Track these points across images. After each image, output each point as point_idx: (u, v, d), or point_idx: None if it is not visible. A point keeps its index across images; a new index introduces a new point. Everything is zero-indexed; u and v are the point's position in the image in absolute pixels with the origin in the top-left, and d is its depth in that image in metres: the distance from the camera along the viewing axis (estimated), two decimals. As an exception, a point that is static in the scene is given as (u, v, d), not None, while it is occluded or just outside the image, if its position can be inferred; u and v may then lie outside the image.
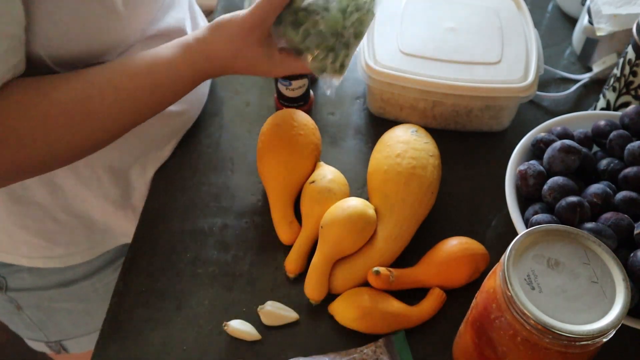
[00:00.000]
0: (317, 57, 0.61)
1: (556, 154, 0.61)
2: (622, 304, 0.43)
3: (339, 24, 0.59)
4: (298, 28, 0.60)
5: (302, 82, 0.76)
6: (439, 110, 0.77)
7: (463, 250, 0.62)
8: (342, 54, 0.61)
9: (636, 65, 0.69)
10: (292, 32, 0.60)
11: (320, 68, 0.62)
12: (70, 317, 0.84)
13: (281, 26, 0.61)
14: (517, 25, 0.80)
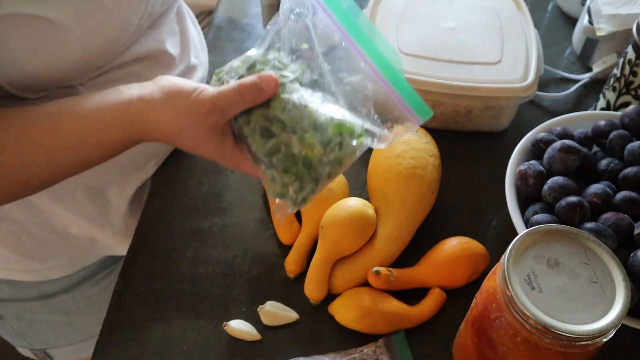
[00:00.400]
0: (279, 180, 0.52)
1: (556, 154, 0.61)
2: (622, 304, 0.43)
3: (315, 157, 0.51)
4: (268, 139, 0.51)
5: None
6: (439, 110, 0.77)
7: (463, 250, 0.62)
8: (308, 188, 0.52)
9: (636, 65, 0.69)
10: (259, 140, 0.51)
11: (279, 193, 0.52)
12: (52, 328, 0.83)
13: (248, 126, 0.52)
14: (517, 25, 0.80)
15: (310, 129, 0.50)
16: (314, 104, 0.51)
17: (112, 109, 0.52)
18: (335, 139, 0.50)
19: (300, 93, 0.52)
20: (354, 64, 0.52)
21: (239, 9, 0.99)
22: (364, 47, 0.52)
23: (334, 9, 0.53)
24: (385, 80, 0.51)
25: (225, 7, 0.99)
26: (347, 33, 0.52)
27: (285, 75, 0.52)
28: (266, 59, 0.53)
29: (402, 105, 0.50)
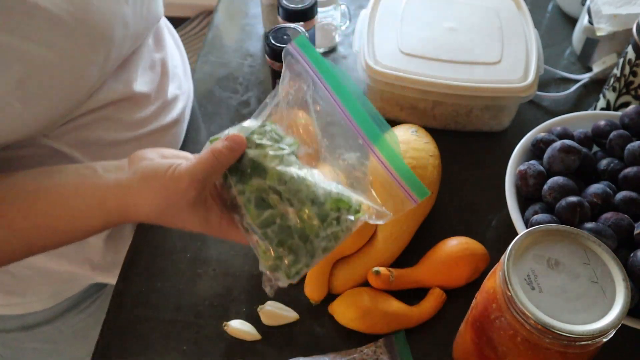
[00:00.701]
0: (274, 253, 0.50)
1: (556, 154, 0.61)
2: (622, 304, 0.43)
3: (312, 231, 0.49)
4: (263, 210, 0.49)
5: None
6: (439, 110, 0.77)
7: (463, 250, 0.62)
8: (302, 262, 0.50)
9: (636, 65, 0.69)
10: (254, 210, 0.49)
11: (272, 266, 0.50)
12: (39, 356, 0.81)
13: (242, 196, 0.50)
14: (517, 25, 0.80)
15: (307, 202, 0.49)
16: (312, 178, 0.50)
17: (90, 196, 0.51)
18: (333, 213, 0.49)
19: (297, 166, 0.51)
20: (352, 141, 0.52)
21: (239, 9, 0.99)
22: (363, 128, 0.52)
23: (335, 87, 0.53)
24: (384, 161, 0.52)
25: (225, 7, 0.99)
26: (347, 112, 0.52)
27: (282, 148, 0.51)
28: (263, 130, 0.52)
29: (400, 185, 0.51)
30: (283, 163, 0.50)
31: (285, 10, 0.76)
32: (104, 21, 0.54)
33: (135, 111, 0.66)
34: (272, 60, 0.72)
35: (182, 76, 0.76)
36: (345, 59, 0.90)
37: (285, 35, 0.71)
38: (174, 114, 0.72)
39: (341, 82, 0.53)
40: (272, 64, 0.73)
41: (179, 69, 0.76)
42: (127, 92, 0.63)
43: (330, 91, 0.53)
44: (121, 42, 0.58)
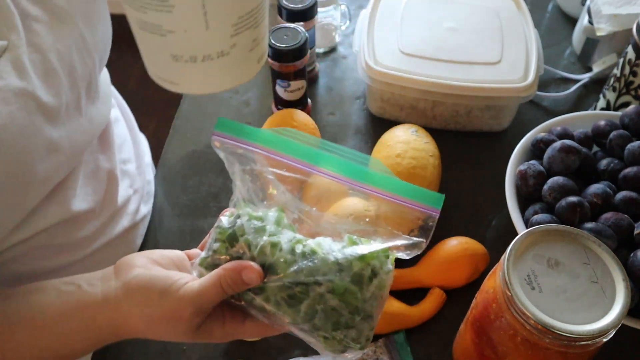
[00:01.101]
0: (334, 338, 0.45)
1: (556, 154, 0.61)
2: (622, 304, 0.43)
3: (356, 299, 0.44)
4: (297, 305, 0.44)
5: (301, 83, 0.76)
6: (439, 110, 0.77)
7: (463, 250, 0.62)
8: (366, 328, 0.45)
9: (636, 65, 0.69)
10: (290, 310, 0.44)
11: (341, 349, 0.46)
12: None
13: (269, 303, 0.44)
14: (517, 25, 0.80)
15: (334, 275, 0.44)
16: (321, 248, 0.45)
17: (77, 317, 0.45)
18: (366, 272, 0.45)
19: (300, 243, 0.45)
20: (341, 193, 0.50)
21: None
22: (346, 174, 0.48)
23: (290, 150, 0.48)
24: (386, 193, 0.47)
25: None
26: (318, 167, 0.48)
27: (273, 232, 0.46)
28: (242, 228, 0.46)
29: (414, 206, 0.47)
30: (284, 250, 0.45)
31: (285, 10, 0.76)
32: (16, 154, 0.44)
33: (74, 232, 0.57)
34: (272, 60, 0.72)
35: (135, 170, 0.68)
36: (345, 59, 0.90)
37: (285, 35, 0.71)
38: (125, 221, 0.64)
39: (293, 141, 0.48)
40: (272, 64, 0.73)
41: (130, 164, 0.67)
42: (63, 215, 0.54)
43: (286, 156, 0.48)
44: (50, 172, 0.49)
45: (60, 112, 0.48)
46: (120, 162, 0.65)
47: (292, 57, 0.71)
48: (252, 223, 0.46)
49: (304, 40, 0.71)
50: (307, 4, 0.76)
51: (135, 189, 0.67)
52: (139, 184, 0.68)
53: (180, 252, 0.49)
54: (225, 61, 0.42)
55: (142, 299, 0.44)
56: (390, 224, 0.48)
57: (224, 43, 0.41)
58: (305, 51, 0.72)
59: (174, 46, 0.40)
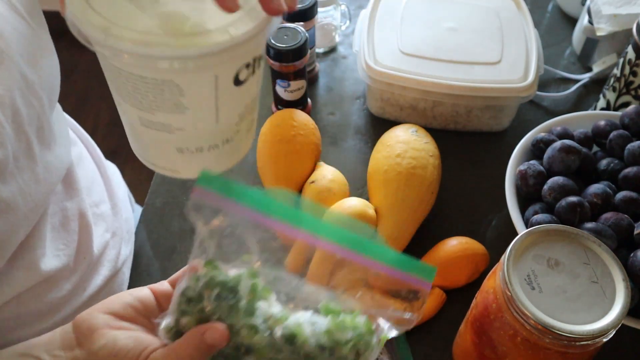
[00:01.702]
0: None
1: (556, 154, 0.61)
2: (622, 304, 0.43)
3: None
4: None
5: (301, 83, 0.76)
6: (439, 110, 0.77)
7: (463, 250, 0.62)
8: None
9: (636, 65, 0.69)
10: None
11: None
12: None
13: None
14: (517, 25, 0.80)
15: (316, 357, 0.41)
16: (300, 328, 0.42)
17: None
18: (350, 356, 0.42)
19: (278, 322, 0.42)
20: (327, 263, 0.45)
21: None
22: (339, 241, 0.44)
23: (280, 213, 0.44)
24: (378, 263, 0.44)
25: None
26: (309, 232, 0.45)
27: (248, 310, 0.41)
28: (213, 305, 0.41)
29: (406, 279, 0.44)
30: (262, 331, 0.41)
31: (285, 10, 0.76)
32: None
33: (47, 294, 0.52)
34: (272, 60, 0.72)
35: (110, 211, 0.63)
36: (345, 59, 0.90)
37: (285, 35, 0.71)
38: (106, 270, 0.59)
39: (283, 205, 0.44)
40: (272, 64, 0.73)
41: (103, 206, 0.62)
42: (32, 278, 0.50)
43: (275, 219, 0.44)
44: (4, 235, 0.45)
45: (8, 165, 0.43)
46: (92, 206, 0.59)
47: (292, 57, 0.71)
48: (223, 298, 0.41)
49: (304, 40, 0.71)
50: (307, 4, 0.76)
51: (114, 232, 0.62)
52: (117, 224, 0.63)
53: (145, 293, 0.44)
54: (229, 147, 0.43)
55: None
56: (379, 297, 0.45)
57: (230, 132, 0.42)
58: (305, 51, 0.72)
59: (181, 141, 0.40)
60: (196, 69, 0.36)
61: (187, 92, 0.37)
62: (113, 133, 1.91)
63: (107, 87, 0.39)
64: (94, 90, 2.01)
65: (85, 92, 2.02)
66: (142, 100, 0.37)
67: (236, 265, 0.43)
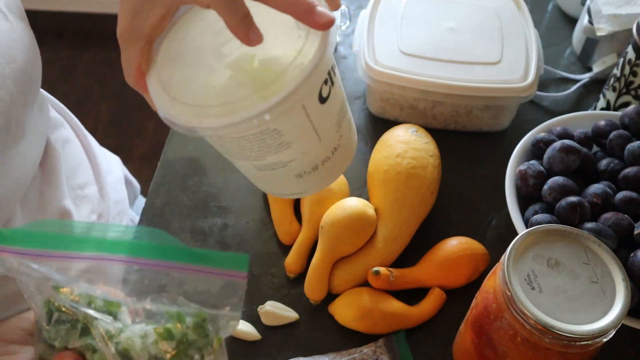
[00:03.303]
0: None
1: (556, 154, 0.61)
2: (622, 304, 0.43)
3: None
4: None
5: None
6: (439, 110, 0.77)
7: (463, 250, 0.62)
8: None
9: (636, 65, 0.69)
10: None
11: None
12: None
13: None
14: (517, 25, 0.80)
15: None
16: (131, 342, 0.41)
17: None
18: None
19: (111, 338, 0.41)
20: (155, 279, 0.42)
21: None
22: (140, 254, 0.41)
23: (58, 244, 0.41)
24: (188, 265, 0.41)
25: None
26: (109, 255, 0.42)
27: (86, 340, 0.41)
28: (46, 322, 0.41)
29: (220, 274, 0.41)
30: (99, 349, 0.41)
31: (285, 10, 0.76)
32: None
33: None
34: (272, 60, 0.72)
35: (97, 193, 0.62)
36: (345, 59, 0.90)
37: (285, 35, 0.71)
38: None
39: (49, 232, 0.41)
40: (272, 64, 0.72)
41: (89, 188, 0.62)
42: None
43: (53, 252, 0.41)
44: None
45: None
46: (76, 188, 0.59)
47: (292, 57, 0.71)
48: (62, 323, 0.41)
49: (304, 40, 0.71)
50: (307, 4, 0.76)
51: (100, 214, 0.61)
52: (104, 206, 0.62)
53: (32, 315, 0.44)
54: (339, 152, 0.47)
55: None
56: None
57: (334, 140, 0.45)
58: (305, 51, 0.72)
59: (296, 169, 0.44)
60: (284, 111, 0.38)
61: (284, 131, 0.40)
62: (113, 133, 1.91)
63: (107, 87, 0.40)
64: (94, 90, 2.01)
65: (85, 92, 2.02)
66: (250, 153, 0.41)
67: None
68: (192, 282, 0.41)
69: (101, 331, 0.41)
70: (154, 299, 0.42)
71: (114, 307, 0.42)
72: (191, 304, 0.42)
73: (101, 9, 2.25)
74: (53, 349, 0.41)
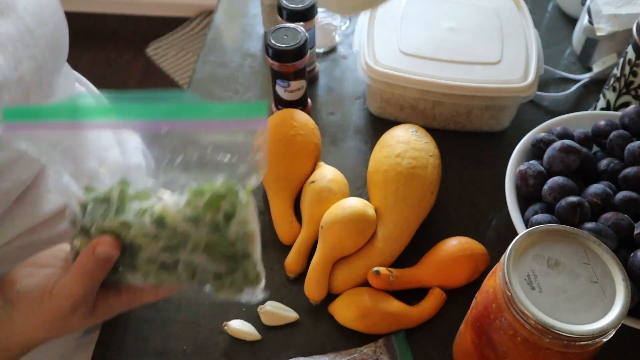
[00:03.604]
0: (223, 286, 0.45)
1: (556, 154, 0.61)
2: (622, 304, 0.43)
3: (221, 246, 0.43)
4: (173, 271, 0.44)
5: (301, 83, 0.75)
6: (439, 110, 0.77)
7: (463, 250, 0.62)
8: (250, 266, 0.45)
9: (636, 65, 0.69)
10: (168, 277, 0.44)
11: (236, 292, 0.45)
12: None
13: (144, 279, 0.44)
14: (517, 25, 0.80)
15: (190, 231, 0.43)
16: (166, 209, 0.43)
17: None
18: (219, 217, 0.42)
19: (146, 211, 0.43)
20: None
21: (239, 9, 0.99)
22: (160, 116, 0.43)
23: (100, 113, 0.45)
24: (207, 121, 0.43)
25: (225, 7, 0.99)
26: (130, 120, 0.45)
27: (120, 210, 0.43)
28: (90, 217, 0.44)
29: (239, 125, 0.42)
30: (136, 225, 0.43)
31: (286, 11, 0.76)
32: None
33: (58, 227, 0.56)
34: (272, 60, 0.72)
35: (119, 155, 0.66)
36: (345, 59, 0.90)
37: (285, 35, 0.71)
38: None
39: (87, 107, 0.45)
40: (272, 64, 0.73)
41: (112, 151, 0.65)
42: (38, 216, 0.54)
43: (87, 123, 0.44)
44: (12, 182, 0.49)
45: None
46: (102, 150, 0.63)
47: (292, 57, 0.71)
48: (97, 208, 0.44)
49: (304, 40, 0.71)
50: (307, 4, 0.76)
51: (109, 163, 0.63)
52: (112, 154, 0.65)
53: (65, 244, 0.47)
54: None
55: (24, 309, 0.44)
56: None
57: None
58: (305, 51, 0.72)
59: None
60: None
61: None
62: (113, 133, 1.90)
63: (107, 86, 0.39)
64: (94, 90, 2.01)
65: (85, 92, 2.02)
66: None
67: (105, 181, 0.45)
68: (214, 137, 0.43)
69: (135, 206, 0.43)
70: (181, 164, 0.43)
71: (143, 196, 0.44)
72: (217, 160, 0.43)
73: (101, 9, 2.26)
74: (88, 237, 0.43)
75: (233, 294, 0.45)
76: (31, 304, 0.44)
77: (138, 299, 0.47)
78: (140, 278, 0.44)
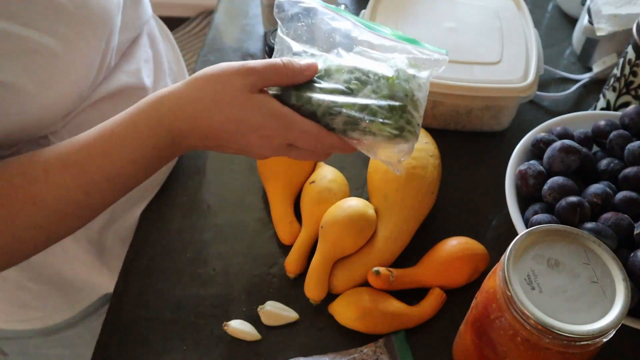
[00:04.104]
0: (390, 120, 0.51)
1: (556, 154, 0.61)
2: (622, 304, 0.43)
3: (406, 82, 0.53)
4: (356, 92, 0.51)
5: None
6: (439, 110, 0.77)
7: (463, 250, 0.62)
8: (416, 116, 0.52)
9: (636, 65, 0.69)
10: (347, 97, 0.51)
11: (397, 133, 0.51)
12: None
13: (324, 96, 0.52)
14: (517, 25, 0.80)
15: (384, 72, 0.53)
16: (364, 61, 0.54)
17: (137, 106, 0.51)
18: (410, 74, 0.54)
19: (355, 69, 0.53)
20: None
21: (239, 9, 0.99)
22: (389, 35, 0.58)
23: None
24: (406, 44, 0.59)
25: (225, 7, 0.99)
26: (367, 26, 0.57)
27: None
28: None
29: (425, 53, 0.58)
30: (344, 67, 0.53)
31: (286, 10, 0.76)
32: (101, 6, 0.53)
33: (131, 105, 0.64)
34: (272, 60, 0.72)
35: (177, 71, 0.76)
36: (345, 59, 0.90)
37: (285, 35, 0.72)
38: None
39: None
40: (272, 63, 0.73)
41: (172, 65, 0.75)
42: (130, 84, 0.62)
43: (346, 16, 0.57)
44: (119, 29, 0.58)
45: None
46: (165, 60, 0.73)
47: (292, 57, 0.71)
48: (302, 19, 0.56)
49: (304, 40, 0.71)
50: (307, 4, 0.76)
51: (155, 78, 0.71)
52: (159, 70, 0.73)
53: None
54: None
55: (200, 74, 0.50)
56: None
57: None
58: (306, 51, 0.72)
59: None
60: None
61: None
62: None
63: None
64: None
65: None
66: None
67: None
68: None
69: None
70: None
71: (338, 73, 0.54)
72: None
73: (101, 9, 2.25)
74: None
75: (392, 134, 0.51)
76: (213, 68, 0.50)
77: (297, 119, 0.51)
78: (320, 90, 0.51)
